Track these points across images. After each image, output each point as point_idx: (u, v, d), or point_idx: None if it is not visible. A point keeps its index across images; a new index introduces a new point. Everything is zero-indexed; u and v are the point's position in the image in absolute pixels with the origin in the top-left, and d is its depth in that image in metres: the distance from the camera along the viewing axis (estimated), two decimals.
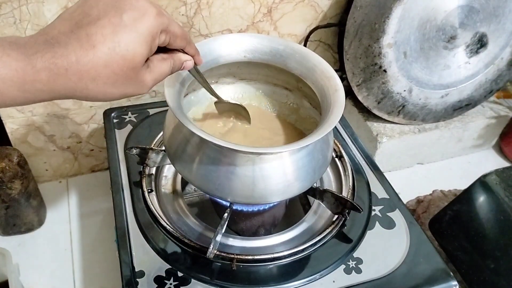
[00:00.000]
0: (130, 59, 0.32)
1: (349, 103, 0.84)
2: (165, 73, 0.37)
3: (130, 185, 0.59)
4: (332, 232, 0.54)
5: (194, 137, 0.47)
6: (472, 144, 0.89)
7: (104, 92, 0.33)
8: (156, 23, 0.34)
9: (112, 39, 0.31)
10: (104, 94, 0.33)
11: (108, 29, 0.31)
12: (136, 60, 0.33)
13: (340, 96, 0.47)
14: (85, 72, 0.31)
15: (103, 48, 0.31)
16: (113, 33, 0.31)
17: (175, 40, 0.37)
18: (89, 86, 0.32)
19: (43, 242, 0.69)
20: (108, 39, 0.31)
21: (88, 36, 0.31)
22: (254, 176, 0.45)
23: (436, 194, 0.76)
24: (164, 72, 0.37)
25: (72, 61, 0.30)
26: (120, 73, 0.32)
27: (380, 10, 0.68)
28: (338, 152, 0.64)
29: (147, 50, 0.34)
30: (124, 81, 0.33)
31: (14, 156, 0.63)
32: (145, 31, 0.33)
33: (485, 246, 0.57)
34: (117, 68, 0.32)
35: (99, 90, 0.32)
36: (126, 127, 0.68)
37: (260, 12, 0.72)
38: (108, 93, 0.33)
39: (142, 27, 0.33)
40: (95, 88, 0.32)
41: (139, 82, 0.34)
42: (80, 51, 0.31)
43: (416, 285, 0.50)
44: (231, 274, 0.50)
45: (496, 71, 0.80)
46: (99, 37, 0.31)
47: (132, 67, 0.33)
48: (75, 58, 0.30)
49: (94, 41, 0.31)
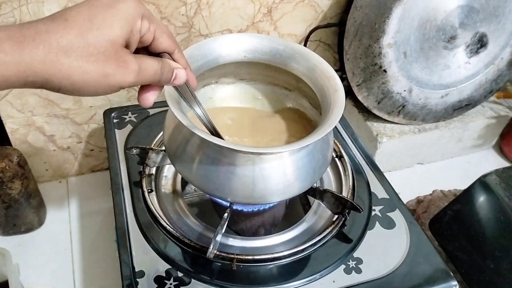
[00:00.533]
0: (106, 31, 0.30)
1: (349, 103, 0.84)
2: (154, 68, 0.34)
3: (130, 185, 0.59)
4: (332, 232, 0.54)
5: (194, 137, 0.47)
6: (472, 144, 0.89)
7: (80, 69, 0.29)
8: (137, 6, 0.32)
9: (87, 13, 0.30)
10: (81, 73, 0.29)
11: (84, 7, 0.30)
12: (113, 33, 0.30)
13: (340, 96, 0.47)
14: (54, 41, 0.28)
15: (77, 20, 0.29)
16: (89, 9, 0.30)
17: (162, 36, 0.34)
18: (61, 60, 0.28)
19: (43, 242, 0.69)
20: (83, 14, 0.29)
21: (62, 12, 0.29)
22: (254, 176, 0.45)
23: (436, 194, 0.76)
24: (152, 67, 0.34)
25: (40, 30, 0.28)
26: (96, 45, 0.29)
27: (380, 10, 0.68)
28: (338, 152, 0.64)
29: (127, 28, 0.31)
30: (101, 56, 0.30)
31: (14, 156, 0.63)
32: (125, 9, 0.31)
33: (485, 246, 0.57)
34: (92, 38, 0.29)
35: (73, 65, 0.29)
36: (126, 127, 0.68)
37: (260, 12, 0.72)
38: (84, 72, 0.29)
39: (122, 6, 0.31)
40: (69, 62, 0.29)
41: (121, 61, 0.31)
42: (51, 23, 0.29)
43: (416, 285, 0.50)
44: (231, 274, 0.50)
45: (496, 71, 0.80)
46: (74, 12, 0.29)
47: (109, 39, 0.30)
48: (44, 28, 0.28)
49: (67, 16, 0.29)
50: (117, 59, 0.31)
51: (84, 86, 0.30)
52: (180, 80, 0.37)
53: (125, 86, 0.32)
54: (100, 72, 0.30)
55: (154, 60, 0.34)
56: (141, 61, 0.33)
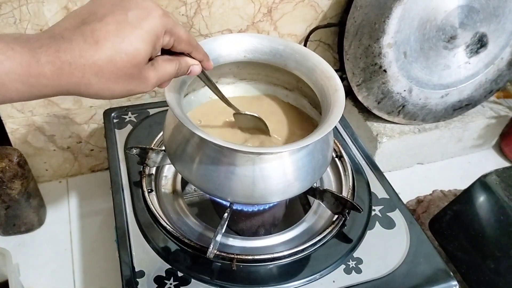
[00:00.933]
0: (133, 55, 0.32)
1: (349, 103, 0.84)
2: (170, 73, 0.37)
3: (130, 185, 0.59)
4: (332, 232, 0.54)
5: (194, 137, 0.47)
6: (472, 144, 0.89)
7: (107, 88, 0.33)
8: (161, 23, 0.34)
9: (116, 35, 0.32)
10: (107, 90, 0.33)
11: (112, 25, 0.32)
12: (139, 56, 0.33)
13: (340, 96, 0.47)
14: (88, 67, 0.31)
15: (107, 44, 0.31)
16: (117, 29, 0.32)
17: (180, 43, 0.37)
18: (92, 81, 0.32)
19: (43, 242, 0.69)
20: (112, 35, 0.32)
21: (93, 31, 0.31)
22: (254, 176, 0.45)
23: (436, 194, 0.76)
24: (169, 72, 0.37)
25: (75, 55, 0.30)
26: (123, 69, 0.32)
27: (380, 10, 0.68)
28: (338, 152, 0.64)
29: (151, 48, 0.34)
30: (127, 77, 0.33)
31: (14, 156, 0.63)
32: (150, 29, 0.33)
33: (485, 246, 0.57)
34: (120, 63, 0.32)
35: (102, 86, 0.32)
36: (126, 127, 0.68)
37: (260, 12, 0.72)
38: (111, 90, 0.33)
39: (147, 25, 0.33)
40: (98, 83, 0.32)
41: (142, 79, 0.35)
42: (84, 45, 0.31)
43: (416, 285, 0.50)
44: (231, 274, 0.50)
45: (496, 71, 0.80)
46: (103, 33, 0.31)
47: (135, 63, 0.33)
48: (79, 53, 0.31)
49: (97, 37, 0.31)
50: (139, 78, 0.34)
51: (107, 97, 0.34)
52: (195, 72, 0.41)
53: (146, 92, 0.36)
54: (124, 89, 0.34)
55: (171, 63, 0.37)
56: (160, 71, 0.36)
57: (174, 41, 0.36)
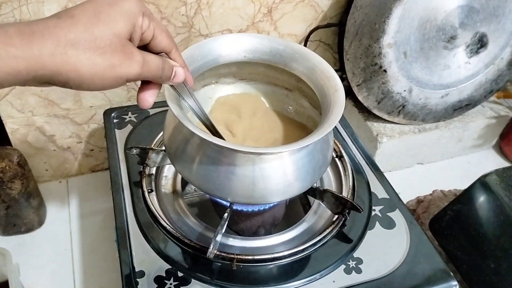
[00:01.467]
0: (112, 25, 0.31)
1: (349, 103, 0.84)
2: (157, 65, 0.35)
3: (130, 185, 0.59)
4: (332, 232, 0.54)
5: (194, 137, 0.47)
6: (472, 144, 0.89)
7: (88, 61, 0.30)
8: (138, 4, 0.33)
9: (92, 10, 0.31)
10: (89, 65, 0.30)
11: (88, 5, 0.32)
12: (118, 26, 0.32)
13: (340, 96, 0.47)
14: (62, 36, 0.29)
15: (83, 17, 0.31)
16: (94, 7, 0.31)
17: (160, 34, 0.36)
18: (69, 52, 0.30)
19: (43, 242, 0.69)
20: (88, 11, 0.31)
21: (67, 10, 0.31)
22: (254, 176, 0.45)
23: (436, 194, 0.76)
24: (154, 61, 0.35)
25: (49, 25, 0.29)
26: (102, 38, 0.31)
27: (380, 10, 0.68)
28: (338, 152, 0.64)
29: (130, 25, 0.33)
30: (108, 48, 0.31)
31: (14, 156, 0.63)
32: (127, 6, 0.33)
33: (485, 246, 0.57)
34: (98, 32, 0.31)
35: (81, 57, 0.30)
36: (126, 127, 0.68)
37: (260, 12, 0.72)
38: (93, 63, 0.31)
39: (124, 3, 0.33)
40: (77, 54, 0.30)
41: (127, 54, 0.32)
42: (58, 20, 0.30)
43: (416, 285, 0.50)
44: (231, 274, 0.50)
45: (496, 71, 0.80)
46: (79, 10, 0.31)
47: (114, 33, 0.31)
48: (52, 24, 0.30)
49: (73, 13, 0.31)
50: (123, 51, 0.32)
51: (91, 78, 0.31)
52: (180, 78, 0.39)
53: (131, 77, 0.33)
54: (107, 63, 0.31)
55: (156, 56, 0.36)
56: (145, 54, 0.34)
57: (154, 30, 0.35)
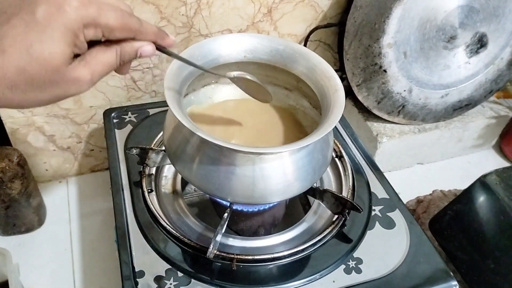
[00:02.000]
0: (47, 61, 0.28)
1: (349, 103, 0.84)
2: (110, 63, 0.32)
3: (130, 185, 0.59)
4: (332, 232, 0.54)
5: (194, 137, 0.47)
6: (472, 144, 0.89)
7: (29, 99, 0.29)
8: (76, 16, 0.29)
9: (23, 39, 0.28)
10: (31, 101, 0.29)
11: (19, 28, 0.28)
12: (54, 62, 0.28)
13: (340, 96, 0.47)
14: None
15: (14, 53, 0.27)
16: (24, 33, 0.28)
17: (112, 32, 0.31)
18: (8, 95, 0.28)
19: (43, 242, 0.69)
20: (18, 41, 0.28)
21: None
22: (254, 176, 0.45)
23: (436, 194, 0.76)
24: (107, 62, 0.32)
25: None
26: (40, 78, 0.28)
27: (380, 10, 0.68)
28: (338, 152, 0.64)
29: (68, 49, 0.29)
30: (48, 84, 0.29)
31: (14, 156, 0.63)
32: (62, 27, 0.28)
33: (485, 246, 0.57)
34: (34, 73, 0.28)
35: (21, 98, 0.29)
36: (126, 127, 0.68)
37: (260, 12, 0.72)
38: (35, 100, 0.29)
39: (57, 24, 0.28)
40: (15, 97, 0.28)
41: (71, 81, 0.30)
42: None
43: (416, 285, 0.50)
44: (231, 274, 0.50)
45: (496, 71, 0.80)
46: (10, 39, 0.28)
47: (51, 69, 0.29)
48: None
49: (4, 45, 0.28)
50: (66, 81, 0.30)
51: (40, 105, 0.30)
52: (147, 54, 0.35)
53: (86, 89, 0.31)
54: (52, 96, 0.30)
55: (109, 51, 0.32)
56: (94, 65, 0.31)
57: (103, 32, 0.31)
